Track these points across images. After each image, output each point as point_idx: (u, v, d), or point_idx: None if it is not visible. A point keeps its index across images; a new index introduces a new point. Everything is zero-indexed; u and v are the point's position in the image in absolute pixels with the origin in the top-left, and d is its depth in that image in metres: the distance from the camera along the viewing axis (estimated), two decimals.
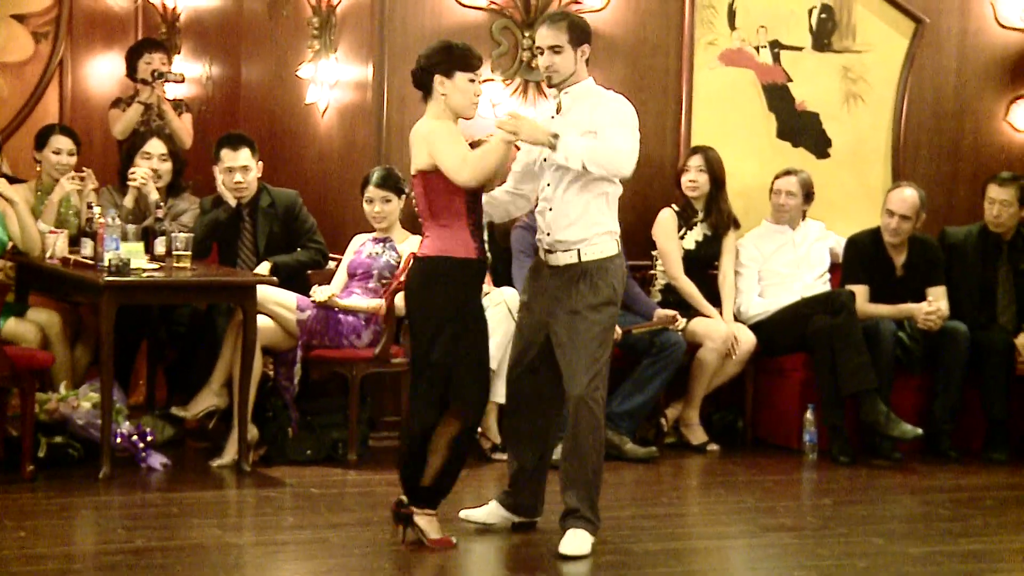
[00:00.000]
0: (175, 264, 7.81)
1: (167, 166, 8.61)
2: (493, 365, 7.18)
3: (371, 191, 8.18)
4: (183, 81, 9.75)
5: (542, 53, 6.41)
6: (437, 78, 6.08)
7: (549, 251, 6.43)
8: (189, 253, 7.85)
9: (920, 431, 8.31)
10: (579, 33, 6.39)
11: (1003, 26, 9.66)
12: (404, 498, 6.32)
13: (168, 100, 9.50)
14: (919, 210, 8.78)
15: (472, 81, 6.15)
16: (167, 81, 9.49)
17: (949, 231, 9.03)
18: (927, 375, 8.70)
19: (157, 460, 7.69)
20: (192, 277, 7.73)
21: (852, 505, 7.55)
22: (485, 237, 6.42)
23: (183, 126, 9.45)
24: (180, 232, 8.01)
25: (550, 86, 6.51)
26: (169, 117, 9.39)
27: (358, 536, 6.57)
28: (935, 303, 8.67)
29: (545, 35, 6.37)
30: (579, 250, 6.36)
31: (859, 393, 8.35)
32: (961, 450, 8.63)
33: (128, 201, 8.45)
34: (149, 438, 7.72)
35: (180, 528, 6.68)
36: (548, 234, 6.42)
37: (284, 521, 6.91)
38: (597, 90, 6.46)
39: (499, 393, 7.54)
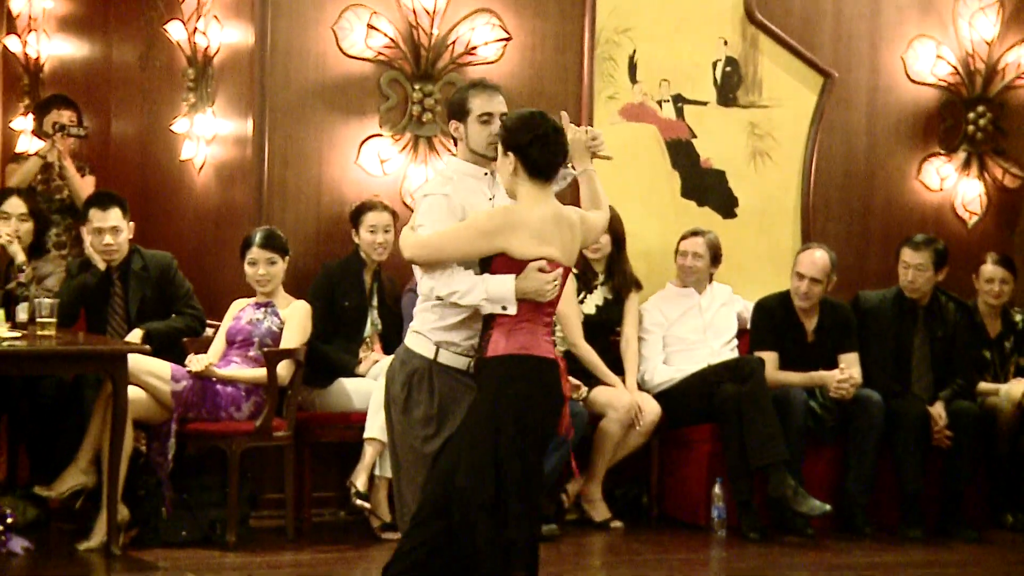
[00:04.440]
0: (39, 332, 7.77)
1: (28, 226, 8.57)
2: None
3: (255, 252, 8.18)
4: (87, 137, 9.70)
5: (489, 121, 5.91)
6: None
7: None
8: (54, 320, 7.81)
9: (828, 507, 8.40)
10: None
11: (914, 81, 9.89)
12: None
13: (71, 159, 9.45)
14: (830, 272, 8.93)
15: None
16: (69, 136, 9.44)
17: (863, 295, 9.19)
18: (840, 446, 8.83)
19: (18, 544, 7.59)
20: (57, 346, 7.68)
21: None
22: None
23: (85, 187, 9.40)
24: (44, 297, 7.95)
25: (496, 157, 5.90)
26: (70, 175, 9.36)
27: None
28: (847, 370, 8.81)
29: (501, 102, 5.95)
30: None
31: (768, 466, 8.44)
32: (876, 525, 8.75)
33: None
34: (9, 520, 7.62)
35: None
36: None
37: None
38: None
39: (387, 467, 7.59)
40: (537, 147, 5.71)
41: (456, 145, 6.04)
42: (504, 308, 5.67)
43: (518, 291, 5.66)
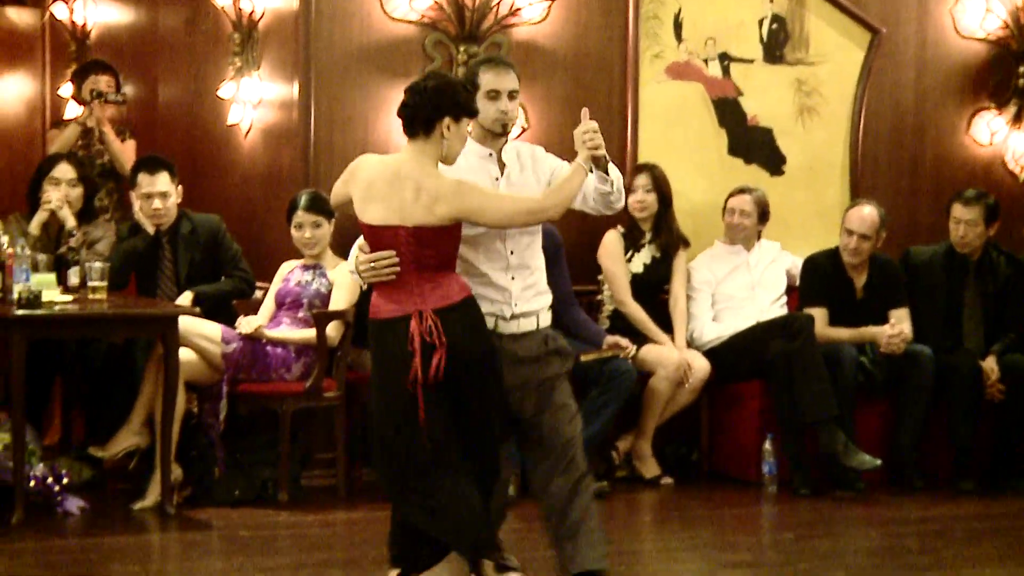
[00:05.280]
0: (90, 296, 7.89)
1: (78, 191, 8.68)
2: None
3: (300, 215, 8.26)
4: (125, 103, 9.80)
5: (496, 98, 6.00)
6: (447, 121, 5.77)
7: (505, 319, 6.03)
8: (105, 284, 7.94)
9: (879, 461, 8.42)
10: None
11: (963, 36, 9.89)
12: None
13: (110, 124, 9.55)
14: (879, 229, 8.96)
15: (469, 128, 5.93)
16: (107, 102, 9.54)
17: (913, 251, 9.21)
18: (891, 401, 8.87)
19: (74, 504, 7.71)
20: (109, 309, 7.78)
21: (815, 539, 7.67)
22: None
23: (125, 151, 9.50)
24: (95, 262, 8.07)
25: (503, 134, 6.06)
26: (109, 140, 9.45)
27: None
28: (898, 326, 8.84)
29: (511, 79, 6.05)
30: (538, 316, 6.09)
31: (819, 421, 8.49)
32: (928, 479, 8.78)
33: (34, 228, 8.51)
34: (65, 480, 7.73)
35: None
36: (516, 304, 5.99)
37: (212, 566, 6.95)
38: (521, 144, 6.24)
39: None
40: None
41: None
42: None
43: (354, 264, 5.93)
